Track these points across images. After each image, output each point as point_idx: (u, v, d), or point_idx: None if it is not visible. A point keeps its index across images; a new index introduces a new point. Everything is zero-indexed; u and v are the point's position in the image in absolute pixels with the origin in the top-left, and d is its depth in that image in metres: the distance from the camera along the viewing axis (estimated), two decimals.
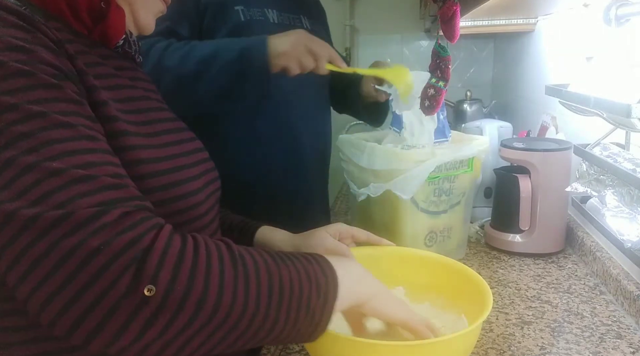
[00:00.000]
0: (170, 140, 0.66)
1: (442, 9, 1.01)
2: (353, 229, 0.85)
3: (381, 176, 1.04)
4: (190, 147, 0.70)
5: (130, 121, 0.61)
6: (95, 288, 0.45)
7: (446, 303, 0.79)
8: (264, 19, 1.18)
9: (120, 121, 0.58)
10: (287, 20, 1.24)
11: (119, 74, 0.65)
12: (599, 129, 1.08)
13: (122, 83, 0.64)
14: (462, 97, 2.21)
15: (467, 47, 2.69)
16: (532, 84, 1.84)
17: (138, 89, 0.67)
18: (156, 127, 0.65)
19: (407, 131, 1.09)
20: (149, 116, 0.65)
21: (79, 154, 0.49)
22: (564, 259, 1.17)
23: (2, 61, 0.49)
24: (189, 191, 0.64)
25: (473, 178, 1.13)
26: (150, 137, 0.62)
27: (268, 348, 0.83)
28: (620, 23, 1.00)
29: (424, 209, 1.06)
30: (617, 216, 0.92)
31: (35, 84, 0.50)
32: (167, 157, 0.63)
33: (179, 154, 0.66)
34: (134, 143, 0.59)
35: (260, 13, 1.19)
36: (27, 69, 0.50)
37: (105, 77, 0.61)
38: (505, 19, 1.78)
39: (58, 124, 0.49)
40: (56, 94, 0.51)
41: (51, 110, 0.50)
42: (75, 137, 0.50)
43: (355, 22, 2.77)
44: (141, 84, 0.69)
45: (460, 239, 1.16)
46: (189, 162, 0.67)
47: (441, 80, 1.05)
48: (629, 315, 0.91)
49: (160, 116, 0.68)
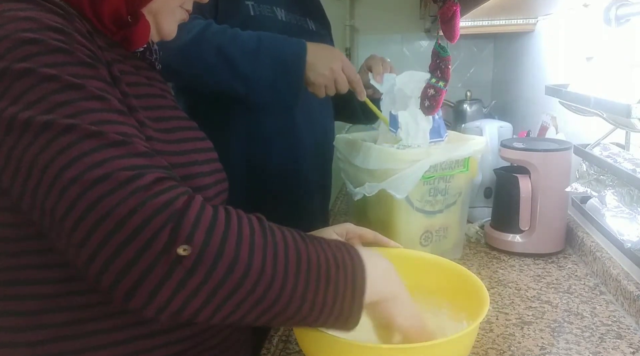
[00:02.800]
0: (183, 137, 0.68)
1: (442, 9, 1.01)
2: (361, 229, 0.84)
3: (376, 175, 1.04)
4: (203, 146, 0.72)
5: (147, 116, 0.62)
6: (132, 247, 0.47)
7: (444, 304, 0.79)
8: (272, 15, 1.21)
9: (138, 113, 0.60)
10: (294, 20, 1.27)
11: (136, 73, 0.67)
12: (599, 129, 1.08)
13: (140, 81, 0.66)
14: (462, 97, 2.21)
15: (467, 47, 2.69)
16: (532, 84, 1.84)
17: (155, 88, 0.69)
18: (171, 124, 0.67)
19: (402, 131, 1.09)
20: (164, 113, 0.67)
21: (113, 123, 0.52)
22: (564, 259, 1.17)
23: (41, 38, 0.52)
24: (199, 186, 0.66)
25: (469, 177, 1.13)
26: (164, 132, 0.64)
27: (268, 348, 0.83)
28: (620, 23, 1.01)
29: (420, 208, 1.06)
30: (617, 216, 0.92)
31: (74, 61, 0.54)
32: (181, 152, 0.65)
33: (191, 150, 0.68)
34: (152, 135, 0.61)
35: (270, 10, 1.21)
36: (66, 47, 0.53)
37: (124, 74, 0.63)
38: (505, 19, 1.78)
39: (94, 97, 0.53)
40: (92, 72, 0.55)
41: (88, 84, 0.53)
42: (110, 109, 0.53)
43: (355, 22, 2.77)
44: (158, 84, 0.72)
45: (456, 239, 1.16)
46: (200, 159, 0.69)
47: (441, 80, 1.05)
48: (629, 315, 0.91)
49: (174, 114, 0.70)
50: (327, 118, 1.36)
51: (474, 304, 0.70)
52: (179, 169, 0.63)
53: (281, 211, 1.17)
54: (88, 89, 0.52)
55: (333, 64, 1.07)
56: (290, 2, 1.27)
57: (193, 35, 1.03)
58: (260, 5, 1.19)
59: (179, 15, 0.70)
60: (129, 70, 0.65)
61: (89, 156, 0.49)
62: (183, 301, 0.49)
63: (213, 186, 0.70)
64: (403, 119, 1.10)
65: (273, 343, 0.84)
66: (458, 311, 0.76)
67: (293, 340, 0.84)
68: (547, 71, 1.67)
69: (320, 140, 1.31)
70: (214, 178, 0.71)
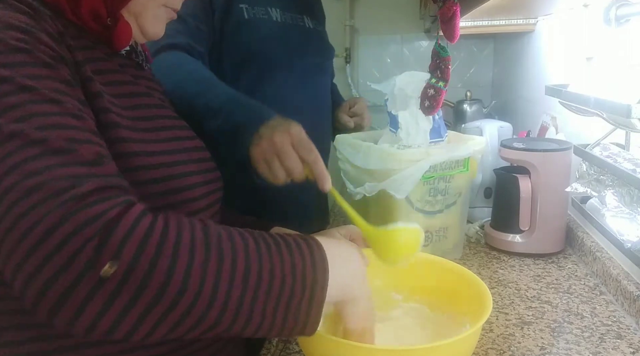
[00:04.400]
0: (167, 136, 0.67)
1: (442, 9, 1.01)
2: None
3: (376, 175, 1.04)
4: (189, 145, 0.71)
5: (125, 115, 0.61)
6: (55, 261, 0.44)
7: (445, 305, 0.79)
8: (267, 17, 1.20)
9: (112, 114, 0.59)
10: (290, 19, 1.25)
11: (121, 71, 0.66)
12: (599, 129, 1.08)
13: (123, 79, 0.65)
14: (462, 97, 2.21)
15: (467, 47, 2.69)
16: (532, 84, 1.84)
17: (139, 86, 0.68)
18: (155, 123, 0.66)
19: (402, 131, 1.09)
20: (148, 112, 0.66)
21: (62, 129, 0.50)
22: (564, 259, 1.17)
23: (0, 37, 0.51)
24: (182, 186, 0.64)
25: (469, 178, 1.13)
26: (146, 132, 0.63)
27: (268, 348, 0.83)
28: (620, 23, 1.01)
29: (420, 208, 1.06)
30: (617, 216, 0.92)
31: (32, 61, 0.52)
32: (162, 152, 0.64)
33: (175, 150, 0.66)
34: (126, 136, 0.59)
35: (264, 11, 1.20)
36: (25, 47, 0.52)
37: (105, 73, 0.62)
38: (505, 19, 1.78)
39: (46, 100, 0.51)
40: (49, 73, 0.53)
41: (43, 86, 0.51)
42: (61, 113, 0.51)
43: (355, 22, 2.77)
44: (144, 82, 0.70)
45: (456, 239, 1.16)
46: (185, 158, 0.67)
47: (441, 80, 1.05)
48: (629, 315, 0.91)
49: (160, 113, 0.69)
50: (327, 120, 1.37)
51: (476, 305, 0.70)
52: (161, 170, 0.62)
53: (283, 211, 1.17)
54: (41, 91, 0.51)
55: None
56: (286, 1, 1.26)
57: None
58: (254, 7, 1.18)
59: (164, 14, 0.68)
60: (113, 68, 0.64)
61: (28, 163, 0.47)
62: (112, 322, 0.46)
63: (200, 186, 0.68)
64: (403, 119, 1.10)
65: (273, 343, 0.83)
66: (460, 312, 0.76)
67: (293, 340, 0.84)
68: (547, 71, 1.67)
69: (321, 139, 1.31)
70: (203, 177, 0.70)
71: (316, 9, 1.38)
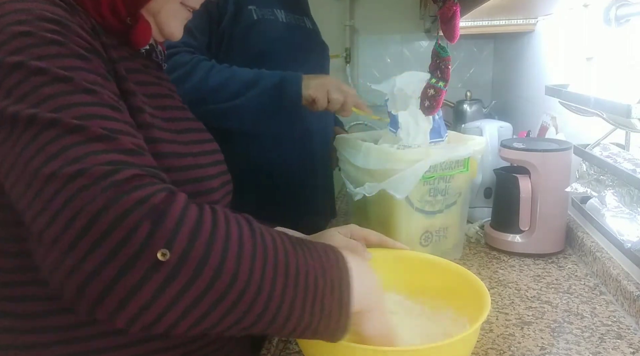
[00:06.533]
0: (192, 138, 0.67)
1: (442, 9, 1.01)
2: (365, 230, 0.83)
3: (376, 175, 1.04)
4: (210, 148, 0.71)
5: (157, 115, 0.62)
6: (105, 246, 0.43)
7: (445, 305, 0.79)
8: (274, 18, 1.25)
9: (146, 114, 0.59)
10: (293, 20, 1.30)
11: (146, 71, 0.66)
12: (599, 129, 1.08)
13: (149, 80, 0.66)
14: (462, 97, 2.21)
15: (467, 47, 2.69)
16: (532, 84, 1.84)
17: (163, 88, 0.69)
18: (180, 125, 0.66)
19: (402, 131, 1.09)
20: (173, 114, 0.67)
21: (100, 118, 0.50)
22: (564, 259, 1.17)
23: (34, 31, 0.51)
24: (205, 189, 0.65)
25: (469, 178, 1.13)
26: (175, 133, 0.64)
27: (268, 348, 0.82)
28: (620, 23, 1.01)
29: (420, 208, 1.06)
30: (617, 216, 0.92)
31: (66, 52, 0.52)
32: (189, 154, 0.64)
33: (199, 152, 0.67)
34: (160, 136, 0.60)
35: (271, 12, 1.25)
36: (59, 39, 0.52)
37: (134, 72, 0.63)
38: (505, 19, 1.78)
39: (83, 90, 0.51)
40: (84, 64, 0.53)
41: (78, 77, 0.51)
42: (98, 103, 0.51)
43: (355, 22, 2.77)
44: (165, 83, 0.71)
45: (456, 239, 1.16)
46: (207, 161, 0.68)
47: (441, 80, 1.05)
48: (629, 315, 0.91)
49: (183, 115, 0.70)
50: (330, 117, 1.41)
51: (475, 305, 0.70)
52: (188, 172, 0.62)
53: (290, 211, 1.20)
54: (77, 81, 0.51)
55: (326, 79, 1.17)
56: (288, 3, 1.31)
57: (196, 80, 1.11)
58: (262, 9, 1.23)
59: (182, 14, 0.69)
60: (138, 68, 0.65)
61: (68, 151, 0.47)
62: (160, 311, 0.45)
63: (219, 189, 0.69)
64: (403, 119, 1.10)
65: (273, 343, 0.83)
66: (459, 312, 0.76)
67: (293, 340, 0.84)
68: (547, 71, 1.67)
69: (326, 137, 1.36)
70: (220, 180, 0.70)
71: (308, 9, 1.44)
